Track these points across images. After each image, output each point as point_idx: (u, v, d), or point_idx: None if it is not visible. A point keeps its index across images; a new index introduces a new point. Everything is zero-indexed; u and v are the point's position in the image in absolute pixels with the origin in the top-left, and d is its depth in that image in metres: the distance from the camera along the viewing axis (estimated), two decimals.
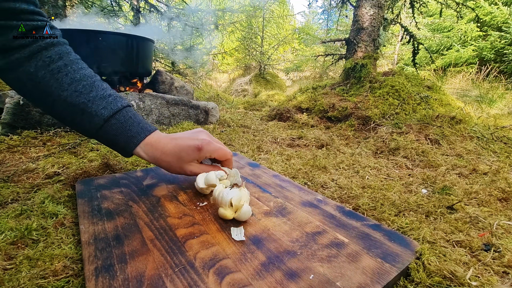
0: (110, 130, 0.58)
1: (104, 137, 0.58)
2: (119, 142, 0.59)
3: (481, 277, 0.45)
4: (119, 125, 0.58)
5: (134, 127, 0.59)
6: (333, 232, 0.52)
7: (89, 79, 0.59)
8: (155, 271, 0.41)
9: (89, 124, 0.57)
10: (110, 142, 0.59)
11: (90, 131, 0.58)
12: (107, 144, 0.61)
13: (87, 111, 0.56)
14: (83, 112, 0.56)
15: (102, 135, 0.58)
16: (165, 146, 0.60)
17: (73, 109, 0.56)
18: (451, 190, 0.81)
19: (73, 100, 0.55)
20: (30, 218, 0.59)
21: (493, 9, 4.20)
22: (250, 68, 6.39)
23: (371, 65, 1.99)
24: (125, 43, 1.53)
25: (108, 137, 0.58)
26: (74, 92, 0.56)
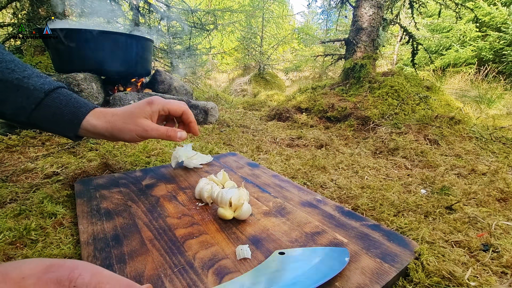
0: (52, 103, 0.51)
1: (44, 112, 0.51)
2: (65, 114, 0.52)
3: (479, 277, 0.45)
4: (63, 98, 0.53)
5: (80, 100, 0.55)
6: (332, 232, 0.52)
7: (21, 62, 0.53)
8: (154, 271, 0.41)
9: (26, 100, 0.50)
10: (51, 117, 0.52)
11: (26, 109, 0.50)
12: (45, 124, 0.53)
13: (23, 86, 0.50)
14: (18, 88, 0.49)
15: (42, 111, 0.51)
16: (116, 109, 0.58)
17: (5, 86, 0.49)
18: (450, 190, 0.81)
19: (6, 76, 0.49)
20: (28, 218, 0.59)
21: (492, 10, 4.21)
22: (250, 68, 6.39)
23: (370, 65, 1.99)
24: (124, 43, 1.53)
25: (50, 112, 0.51)
26: (5, 69, 0.49)
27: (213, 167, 0.85)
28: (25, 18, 2.09)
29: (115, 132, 0.56)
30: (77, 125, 0.54)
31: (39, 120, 0.52)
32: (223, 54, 6.70)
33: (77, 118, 0.53)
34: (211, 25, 3.36)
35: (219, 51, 6.19)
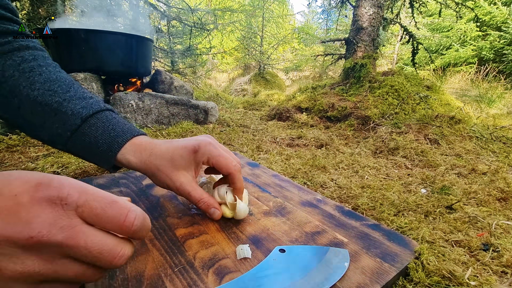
0: (89, 131, 0.47)
1: (80, 141, 0.47)
2: (100, 144, 0.47)
3: (479, 276, 0.45)
4: (101, 125, 0.48)
5: (118, 127, 0.49)
6: (332, 232, 0.52)
7: (67, 81, 0.50)
8: (154, 271, 0.41)
9: (62, 127, 0.46)
10: (87, 146, 0.48)
11: (63, 136, 0.47)
12: (82, 153, 0.49)
13: (61, 111, 0.46)
14: (56, 112, 0.46)
15: (78, 139, 0.47)
16: (156, 147, 0.48)
17: (44, 110, 0.46)
18: (450, 190, 0.81)
19: (45, 99, 0.46)
20: None
21: (492, 9, 4.20)
22: (250, 67, 6.39)
23: (370, 64, 1.99)
24: (124, 42, 1.53)
25: (85, 141, 0.47)
26: (47, 91, 0.47)
27: None
28: (25, 18, 2.09)
29: (148, 174, 0.49)
30: (111, 158, 0.48)
31: (76, 149, 0.48)
32: (223, 53, 6.71)
33: (111, 151, 0.47)
34: (211, 24, 3.36)
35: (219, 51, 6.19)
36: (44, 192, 0.23)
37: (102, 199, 0.25)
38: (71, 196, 0.23)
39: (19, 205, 0.22)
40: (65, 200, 0.23)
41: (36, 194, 0.22)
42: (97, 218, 0.24)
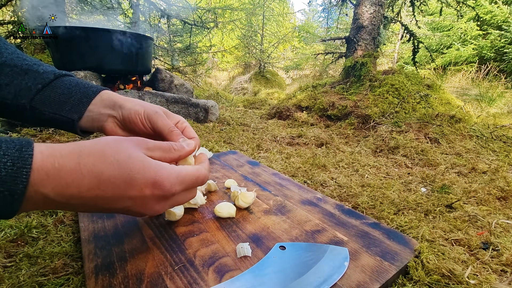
0: (61, 84, 0.47)
1: (51, 94, 0.47)
2: (73, 94, 0.47)
3: (479, 275, 0.45)
4: (73, 80, 0.49)
5: (92, 84, 0.51)
6: (332, 230, 0.52)
7: (36, 59, 0.50)
8: (155, 269, 0.41)
9: (33, 81, 0.46)
10: (59, 98, 0.47)
11: (32, 89, 0.46)
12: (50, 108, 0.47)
13: (32, 70, 0.46)
14: (27, 72, 0.46)
15: (49, 91, 0.46)
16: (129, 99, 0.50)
17: (13, 70, 0.45)
18: (450, 189, 0.81)
19: (14, 62, 0.46)
20: (29, 216, 0.59)
21: (493, 8, 4.19)
22: (250, 66, 6.38)
23: (371, 63, 1.99)
24: (125, 41, 1.53)
25: (57, 92, 0.47)
26: (16, 57, 0.47)
27: (213, 165, 0.85)
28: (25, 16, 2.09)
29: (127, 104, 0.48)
30: (86, 104, 0.47)
31: (43, 103, 0.46)
32: (223, 52, 6.70)
33: (87, 96, 0.48)
34: (212, 23, 3.35)
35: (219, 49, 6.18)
36: (161, 191, 0.35)
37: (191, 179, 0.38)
38: (175, 190, 0.36)
39: (145, 197, 0.34)
40: (173, 194, 0.36)
41: (155, 192, 0.34)
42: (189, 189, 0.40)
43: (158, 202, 0.36)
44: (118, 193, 0.32)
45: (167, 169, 0.36)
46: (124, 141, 0.35)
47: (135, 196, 0.33)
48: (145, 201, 0.34)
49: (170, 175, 0.36)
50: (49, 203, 0.29)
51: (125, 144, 0.34)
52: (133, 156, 0.34)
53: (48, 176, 0.28)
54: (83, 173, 0.30)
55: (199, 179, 0.40)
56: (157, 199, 0.35)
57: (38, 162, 0.28)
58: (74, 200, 0.30)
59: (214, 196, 0.65)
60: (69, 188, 0.29)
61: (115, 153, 0.33)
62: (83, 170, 0.30)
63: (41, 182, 0.28)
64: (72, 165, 0.30)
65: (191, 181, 0.39)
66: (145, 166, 0.34)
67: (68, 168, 0.29)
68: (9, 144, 0.27)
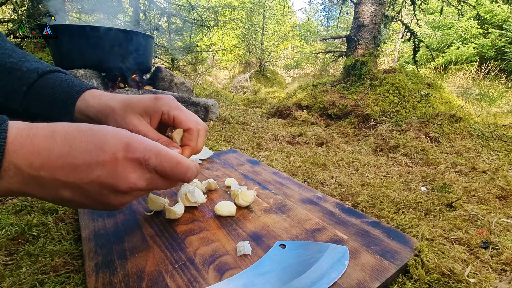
0: (46, 84, 0.46)
1: (37, 95, 0.45)
2: (58, 94, 0.46)
3: (479, 274, 0.45)
4: (57, 79, 0.47)
5: (76, 80, 0.49)
6: (332, 229, 0.52)
7: (23, 52, 0.49)
8: (155, 267, 0.41)
9: (17, 82, 0.44)
10: (45, 99, 0.46)
11: (19, 92, 0.45)
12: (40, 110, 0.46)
13: (16, 68, 0.45)
14: (11, 71, 0.45)
15: (35, 93, 0.45)
16: (118, 95, 0.48)
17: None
18: (450, 188, 0.81)
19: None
20: (30, 214, 0.59)
21: (494, 7, 4.18)
22: (250, 65, 6.37)
23: (371, 62, 1.98)
24: (125, 39, 1.53)
25: (43, 93, 0.46)
26: (1, 54, 0.45)
27: (213, 164, 0.85)
28: (25, 14, 2.08)
29: (102, 118, 0.46)
30: (72, 106, 0.46)
31: (33, 106, 0.46)
32: (223, 51, 6.68)
33: (71, 97, 0.46)
34: (212, 21, 3.34)
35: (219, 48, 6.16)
36: (134, 154, 0.32)
37: (170, 160, 0.35)
38: (150, 159, 0.33)
39: (117, 161, 0.31)
40: (147, 161, 0.33)
41: (128, 155, 0.32)
42: (166, 175, 0.35)
43: (132, 170, 0.33)
44: (88, 159, 0.31)
45: (141, 137, 0.35)
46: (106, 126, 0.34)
47: (106, 161, 0.31)
48: (117, 169, 0.31)
49: (146, 141, 0.34)
50: (21, 180, 0.29)
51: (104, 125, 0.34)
52: (109, 128, 0.33)
53: (22, 146, 0.28)
54: (56, 139, 0.30)
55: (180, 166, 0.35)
56: (131, 167, 0.32)
57: (12, 134, 0.28)
58: (44, 172, 0.29)
59: (214, 194, 0.65)
60: (40, 156, 0.29)
61: (90, 125, 0.32)
62: (56, 137, 0.30)
63: (15, 153, 0.28)
64: (47, 132, 0.30)
65: (171, 164, 0.34)
66: (118, 131, 0.33)
67: (42, 135, 0.29)
68: None
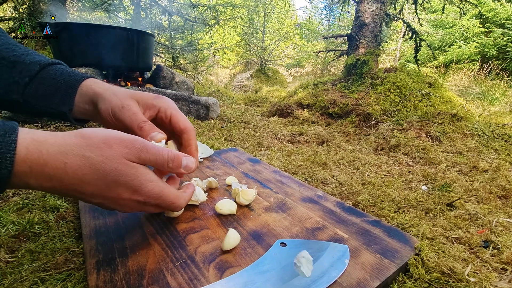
0: (47, 75, 0.47)
1: (39, 86, 0.47)
2: (60, 84, 0.47)
3: (479, 273, 0.45)
4: (59, 70, 0.48)
5: (77, 71, 0.50)
6: (333, 228, 0.52)
7: (26, 47, 0.50)
8: (156, 265, 0.42)
9: (19, 74, 0.46)
10: (46, 90, 0.47)
11: (20, 83, 0.46)
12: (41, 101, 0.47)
13: (19, 61, 0.46)
14: (14, 64, 0.46)
15: (36, 84, 0.46)
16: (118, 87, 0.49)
17: (1, 63, 0.46)
18: (451, 187, 0.81)
19: (2, 54, 0.46)
20: (31, 212, 0.59)
21: (496, 6, 4.16)
22: (251, 63, 6.36)
23: (372, 61, 1.98)
24: (126, 37, 1.52)
25: (44, 84, 0.47)
26: (4, 48, 0.47)
27: (214, 162, 0.85)
28: (26, 12, 2.08)
29: (99, 99, 0.47)
30: (72, 95, 0.47)
31: (33, 97, 0.47)
32: (224, 49, 6.68)
33: (72, 86, 0.47)
34: (213, 20, 3.34)
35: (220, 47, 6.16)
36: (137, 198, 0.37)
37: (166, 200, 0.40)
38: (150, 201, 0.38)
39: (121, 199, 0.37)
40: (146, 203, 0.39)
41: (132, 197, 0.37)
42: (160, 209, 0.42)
43: (131, 205, 0.38)
44: (96, 193, 0.34)
45: (152, 183, 0.38)
46: (114, 145, 0.35)
47: (112, 197, 0.36)
48: (119, 202, 0.37)
49: (153, 190, 0.38)
50: (30, 187, 0.32)
51: (114, 151, 0.34)
52: (120, 169, 0.35)
53: (31, 170, 0.30)
54: (68, 172, 0.32)
55: (173, 205, 0.41)
56: (131, 202, 0.37)
57: (22, 156, 0.29)
58: (54, 190, 0.33)
59: (215, 193, 0.65)
60: (51, 181, 0.31)
61: (102, 162, 0.33)
62: (68, 170, 0.32)
63: (26, 174, 0.30)
64: (58, 163, 0.31)
65: (166, 203, 0.40)
66: (129, 175, 0.35)
67: (54, 165, 0.31)
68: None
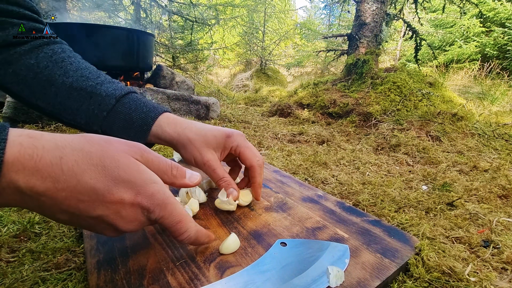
0: (123, 109, 0.51)
1: (116, 119, 0.50)
2: (135, 120, 0.51)
3: (479, 273, 0.45)
4: (133, 103, 0.52)
5: (149, 104, 0.53)
6: (333, 227, 0.52)
7: (94, 68, 0.54)
8: (156, 264, 0.42)
9: (98, 107, 0.49)
10: (122, 124, 0.51)
11: (99, 116, 0.50)
12: (118, 133, 0.51)
13: (96, 93, 0.50)
14: (92, 95, 0.50)
15: (113, 117, 0.50)
16: (192, 123, 0.53)
17: (80, 94, 0.50)
18: (452, 187, 0.81)
19: (80, 84, 0.50)
20: (32, 212, 0.59)
21: (496, 5, 4.16)
22: (251, 63, 6.36)
23: (373, 61, 1.98)
24: (126, 37, 1.52)
25: (120, 118, 0.50)
26: (80, 77, 0.51)
27: None
28: None
29: (179, 145, 0.51)
30: (147, 132, 0.51)
31: (111, 129, 0.51)
32: (224, 49, 6.67)
33: (146, 124, 0.50)
34: (213, 19, 3.34)
35: (220, 46, 6.16)
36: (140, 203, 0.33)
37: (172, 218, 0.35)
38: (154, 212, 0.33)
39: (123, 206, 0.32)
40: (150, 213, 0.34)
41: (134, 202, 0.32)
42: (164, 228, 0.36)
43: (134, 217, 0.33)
44: (94, 198, 0.30)
45: (157, 184, 0.34)
46: (115, 143, 0.33)
47: (113, 202, 0.30)
48: (120, 213, 0.32)
49: (158, 194, 0.33)
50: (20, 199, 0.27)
51: (115, 147, 0.32)
52: (121, 162, 0.31)
53: (24, 168, 0.26)
54: (63, 169, 0.28)
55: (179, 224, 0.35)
56: (134, 213, 0.33)
57: (14, 153, 0.26)
58: (46, 198, 0.28)
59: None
60: (44, 183, 0.27)
61: (101, 156, 0.30)
62: (63, 166, 0.28)
63: (16, 172, 0.26)
64: (53, 158, 0.27)
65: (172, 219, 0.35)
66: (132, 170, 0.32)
67: (48, 160, 0.27)
68: None
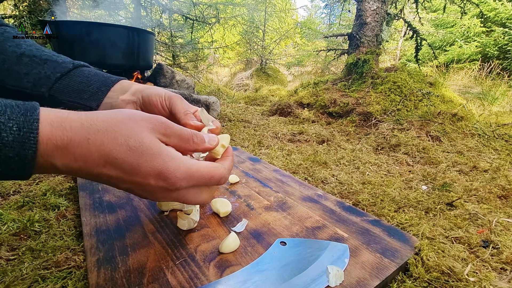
0: (80, 73, 0.49)
1: (70, 82, 0.48)
2: (92, 83, 0.49)
3: (479, 273, 0.45)
4: (92, 70, 0.50)
5: (109, 74, 0.53)
6: (333, 227, 0.52)
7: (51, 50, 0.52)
8: (156, 263, 0.42)
9: (52, 70, 0.47)
10: (77, 86, 0.48)
11: (51, 78, 0.47)
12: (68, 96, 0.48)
13: (52, 60, 0.48)
14: (46, 62, 0.48)
15: (68, 80, 0.48)
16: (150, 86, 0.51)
17: (32, 60, 0.47)
18: (451, 187, 0.81)
19: (33, 53, 0.48)
20: (32, 210, 0.59)
21: (497, 5, 4.15)
22: (252, 62, 6.35)
23: (373, 60, 1.97)
24: (126, 36, 1.52)
25: (76, 81, 0.48)
26: (35, 49, 0.48)
27: None
28: (27, 10, 2.08)
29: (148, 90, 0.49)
30: (105, 92, 0.49)
31: (61, 92, 0.48)
32: (225, 48, 6.66)
33: (106, 84, 0.49)
34: (213, 18, 3.33)
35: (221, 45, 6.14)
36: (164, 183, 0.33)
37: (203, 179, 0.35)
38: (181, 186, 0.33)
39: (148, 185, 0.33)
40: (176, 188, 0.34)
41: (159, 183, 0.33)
42: None
43: (160, 192, 0.34)
44: (122, 176, 0.32)
45: (176, 160, 0.34)
46: (140, 121, 0.33)
47: (139, 182, 0.32)
48: (147, 189, 0.33)
49: (178, 169, 0.33)
50: (57, 171, 0.30)
51: (139, 126, 0.33)
52: (145, 142, 0.32)
53: (57, 148, 0.28)
54: (91, 150, 0.30)
55: (213, 178, 0.36)
56: (160, 190, 0.34)
57: (47, 134, 0.28)
58: (80, 173, 0.31)
59: (215, 192, 0.65)
60: (76, 162, 0.30)
61: (127, 136, 0.31)
62: (91, 147, 0.30)
63: (51, 153, 0.28)
64: (81, 139, 0.29)
65: (202, 179, 0.35)
66: (154, 154, 0.32)
67: (77, 142, 0.29)
68: (13, 108, 0.27)
